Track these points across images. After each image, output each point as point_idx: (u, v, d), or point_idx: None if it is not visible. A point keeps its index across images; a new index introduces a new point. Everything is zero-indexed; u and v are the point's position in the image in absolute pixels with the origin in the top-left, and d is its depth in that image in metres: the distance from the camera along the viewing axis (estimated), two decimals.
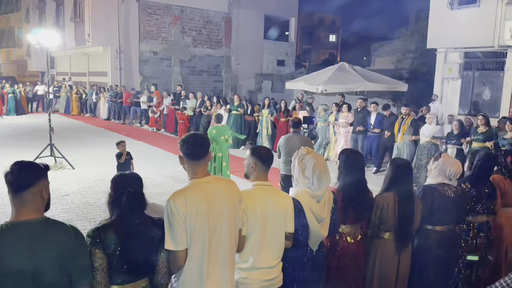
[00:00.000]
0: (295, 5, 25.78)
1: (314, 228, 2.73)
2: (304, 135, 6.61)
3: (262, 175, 2.67)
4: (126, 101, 17.03)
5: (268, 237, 2.58)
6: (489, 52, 12.95)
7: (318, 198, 2.75)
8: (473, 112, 13.28)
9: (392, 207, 3.12)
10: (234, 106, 12.69)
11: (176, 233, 2.21)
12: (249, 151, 2.72)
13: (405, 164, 3.30)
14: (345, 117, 10.43)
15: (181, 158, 2.43)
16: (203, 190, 2.31)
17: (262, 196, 2.59)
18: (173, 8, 20.96)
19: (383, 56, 26.26)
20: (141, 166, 9.55)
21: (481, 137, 7.78)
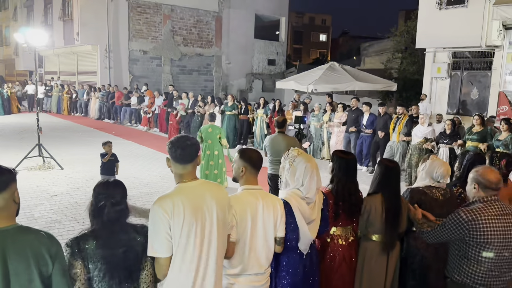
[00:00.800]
0: (285, 5, 25.82)
1: (304, 230, 2.69)
2: (289, 135, 6.61)
3: (251, 179, 2.61)
4: (118, 102, 16.93)
5: (258, 242, 2.52)
6: (477, 52, 13.10)
7: (308, 200, 2.71)
8: (461, 111, 13.44)
9: (380, 210, 3.09)
10: (228, 107, 12.70)
11: (160, 239, 2.14)
12: (238, 155, 2.64)
13: (393, 166, 3.24)
14: (339, 117, 10.55)
15: (168, 161, 2.35)
16: (190, 195, 2.23)
17: (252, 200, 2.54)
18: (163, 7, 20.86)
19: (372, 56, 26.41)
20: (130, 166, 9.52)
21: (476, 137, 7.83)
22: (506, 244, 2.61)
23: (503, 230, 2.60)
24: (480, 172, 2.73)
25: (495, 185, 2.67)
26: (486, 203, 2.67)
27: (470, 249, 2.66)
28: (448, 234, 2.73)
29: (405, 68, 18.79)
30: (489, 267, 2.63)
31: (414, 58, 18.12)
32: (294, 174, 2.72)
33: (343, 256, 3.13)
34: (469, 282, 2.70)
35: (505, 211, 2.66)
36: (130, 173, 8.77)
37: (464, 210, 2.67)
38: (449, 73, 13.79)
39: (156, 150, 11.51)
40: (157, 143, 12.59)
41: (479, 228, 2.59)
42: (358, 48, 33.47)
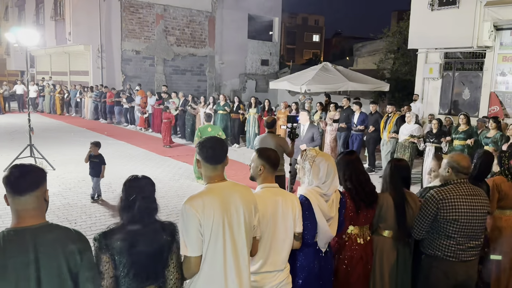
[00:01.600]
0: (278, 5, 25.86)
1: (323, 227, 2.75)
2: (279, 135, 6.64)
3: (269, 178, 2.68)
4: (109, 101, 16.87)
5: (278, 239, 2.58)
6: (469, 53, 13.21)
7: (326, 198, 2.77)
8: (453, 111, 13.53)
9: (392, 206, 3.19)
10: (220, 106, 12.72)
11: (192, 238, 2.17)
12: (256, 154, 2.72)
13: (403, 164, 3.35)
14: (332, 116, 10.75)
15: (198, 162, 2.37)
16: (219, 195, 2.26)
17: (271, 198, 2.60)
18: (155, 6, 20.80)
19: (365, 56, 26.52)
20: (123, 166, 9.48)
21: (463, 135, 8.05)
22: (472, 221, 2.94)
23: (469, 208, 2.94)
24: (455, 158, 3.10)
25: (466, 170, 3.05)
26: (456, 184, 3.02)
27: (441, 225, 2.98)
28: (426, 216, 3.01)
29: (397, 68, 18.88)
30: (458, 241, 2.96)
31: (407, 58, 18.22)
32: (318, 173, 2.76)
33: (360, 255, 3.18)
34: (440, 255, 3.02)
35: (472, 192, 3.02)
36: (122, 174, 8.70)
37: (436, 190, 3.02)
38: (441, 74, 13.89)
39: (149, 151, 11.46)
40: (150, 144, 12.54)
41: (448, 206, 2.93)
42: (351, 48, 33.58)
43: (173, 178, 8.71)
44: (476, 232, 3.00)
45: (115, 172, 8.77)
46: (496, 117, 8.36)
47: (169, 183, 8.36)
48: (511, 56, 12.51)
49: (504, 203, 3.74)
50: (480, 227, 3.02)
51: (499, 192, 3.72)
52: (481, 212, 3.00)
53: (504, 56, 12.65)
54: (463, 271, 3.03)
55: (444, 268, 3.03)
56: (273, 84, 14.61)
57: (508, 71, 12.64)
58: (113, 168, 9.07)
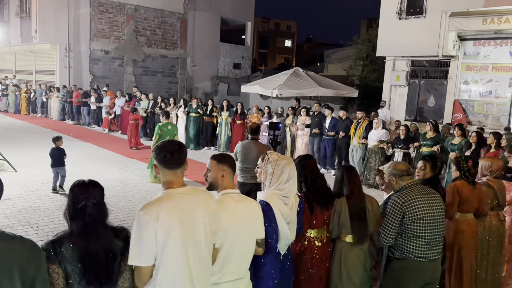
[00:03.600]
0: (251, 9, 25.96)
1: (284, 231, 2.74)
2: (262, 142, 6.59)
3: (230, 183, 2.61)
4: (75, 101, 16.42)
5: (239, 247, 2.51)
6: (434, 61, 13.65)
7: (286, 201, 2.78)
8: (419, 118, 13.94)
9: (345, 211, 3.22)
10: (193, 108, 12.63)
11: (143, 248, 2.06)
12: (215, 161, 2.61)
13: (351, 169, 3.41)
14: (303, 120, 10.81)
15: (156, 167, 2.28)
16: (178, 202, 2.18)
17: (233, 204, 2.52)
18: (126, 6, 20.46)
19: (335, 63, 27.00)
20: (88, 168, 9.24)
21: (430, 142, 8.18)
22: (433, 218, 3.09)
23: (429, 206, 3.09)
24: (392, 166, 3.26)
25: (406, 172, 3.18)
26: (410, 187, 3.16)
27: (408, 227, 3.07)
28: (393, 221, 3.10)
29: (366, 75, 19.32)
30: (426, 240, 3.07)
31: (375, 66, 18.67)
32: (279, 176, 2.77)
33: (320, 257, 3.25)
34: (411, 257, 3.11)
35: (427, 191, 3.18)
36: (88, 176, 8.48)
37: (396, 195, 3.13)
38: (407, 81, 14.29)
39: (116, 153, 11.21)
40: (117, 146, 12.29)
41: (412, 206, 3.05)
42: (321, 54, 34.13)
43: (141, 181, 8.55)
44: (439, 230, 3.15)
45: (80, 175, 8.53)
46: (461, 125, 8.62)
47: (137, 186, 8.20)
48: (474, 65, 13.03)
49: (465, 207, 3.83)
50: (441, 224, 3.17)
51: (460, 196, 3.80)
52: (439, 209, 3.17)
53: (467, 65, 13.15)
54: (430, 270, 3.15)
55: (414, 269, 3.13)
56: (245, 87, 14.65)
57: (471, 80, 13.14)
58: (78, 170, 8.83)
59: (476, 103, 13.00)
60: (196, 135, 12.66)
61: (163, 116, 8.78)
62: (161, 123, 8.58)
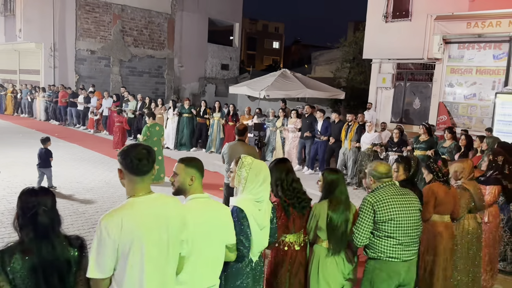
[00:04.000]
0: (239, 11, 25.97)
1: (257, 237, 2.69)
2: (250, 143, 6.56)
3: (199, 188, 2.54)
4: (61, 101, 16.17)
5: (209, 253, 2.43)
6: (419, 64, 13.82)
7: (259, 206, 2.73)
8: (404, 120, 14.10)
9: (325, 216, 3.22)
10: (186, 109, 12.54)
11: (103, 259, 1.96)
12: (183, 164, 2.51)
13: (336, 173, 3.38)
14: (293, 123, 10.69)
15: (121, 172, 2.15)
16: (143, 211, 2.07)
17: (202, 209, 2.46)
18: (113, 6, 20.29)
19: (322, 65, 27.14)
20: (73, 169, 9.13)
21: (424, 145, 8.11)
22: (406, 218, 3.11)
23: (402, 207, 3.11)
24: (373, 167, 3.27)
25: (385, 175, 3.21)
26: (384, 187, 3.19)
27: (380, 227, 3.10)
28: (365, 221, 3.12)
29: (352, 77, 19.45)
30: (399, 240, 3.10)
31: (361, 68, 18.81)
32: (253, 180, 2.73)
33: (300, 262, 3.27)
34: (383, 257, 3.13)
35: (401, 192, 3.21)
36: (73, 178, 8.41)
37: (369, 195, 3.18)
38: (393, 84, 14.43)
39: (102, 154, 11.10)
40: (103, 147, 12.16)
41: (383, 206, 3.07)
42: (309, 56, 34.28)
43: None
44: (413, 230, 3.16)
45: (65, 176, 8.43)
46: (451, 128, 8.52)
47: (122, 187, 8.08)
48: (458, 68, 13.22)
49: (441, 209, 3.86)
50: (416, 224, 3.18)
51: (436, 198, 3.83)
52: (413, 209, 3.18)
53: (452, 68, 13.35)
54: (404, 270, 3.16)
55: (387, 269, 3.14)
56: (232, 88, 14.62)
57: (455, 82, 13.34)
58: (63, 171, 8.72)
59: (461, 105, 13.19)
60: (189, 136, 12.58)
61: (150, 117, 8.73)
62: (149, 124, 8.54)
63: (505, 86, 11.93)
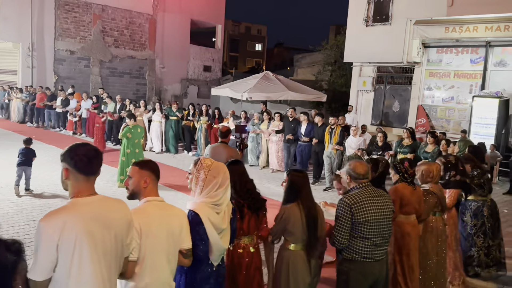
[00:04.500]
0: (221, 12, 25.94)
1: (215, 241, 2.62)
2: (231, 146, 6.55)
3: (154, 190, 2.47)
4: (40, 104, 15.80)
5: (162, 257, 2.37)
6: (399, 68, 14.06)
7: (218, 210, 2.65)
8: (384, 122, 14.31)
9: (299, 219, 3.18)
10: (173, 112, 12.43)
11: (42, 260, 1.90)
12: (137, 167, 2.46)
13: (303, 175, 3.37)
14: (276, 126, 10.58)
15: (66, 171, 2.06)
16: (86, 212, 2.00)
17: (156, 212, 2.39)
18: (93, 6, 20.00)
19: (305, 67, 27.32)
20: (52, 171, 8.94)
21: (407, 150, 8.13)
22: (380, 220, 3.13)
23: (377, 209, 3.14)
24: (352, 165, 3.26)
25: (362, 176, 3.20)
26: (361, 189, 3.19)
27: (356, 228, 3.11)
28: (344, 222, 3.12)
29: (334, 80, 19.65)
30: (373, 241, 3.13)
31: (343, 71, 19.02)
32: (211, 182, 2.65)
33: (255, 264, 3.24)
34: (357, 257, 3.15)
35: (377, 193, 3.22)
36: (50, 180, 8.25)
37: (346, 196, 3.16)
38: (373, 87, 14.64)
39: None
40: None
41: (360, 208, 3.08)
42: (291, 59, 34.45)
43: (106, 185, 8.35)
44: (386, 231, 3.20)
45: (42, 178, 8.26)
46: (433, 132, 8.62)
47: (101, 190, 7.94)
48: (437, 72, 13.51)
49: (407, 209, 3.91)
50: (388, 225, 3.23)
51: (401, 198, 3.87)
52: (387, 211, 3.22)
53: (430, 72, 13.63)
54: (377, 270, 3.21)
55: (362, 269, 3.17)
56: (215, 90, 14.58)
57: (434, 86, 13.62)
58: (40, 174, 8.54)
59: (439, 108, 13.47)
60: (174, 139, 12.45)
61: (130, 119, 8.60)
62: (131, 126, 8.43)
63: (481, 90, 12.24)
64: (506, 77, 12.15)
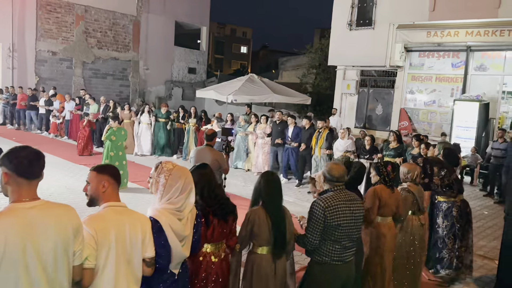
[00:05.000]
0: (206, 14, 25.86)
1: (176, 249, 2.51)
2: (216, 149, 6.50)
3: (114, 195, 2.37)
4: (20, 104, 15.49)
5: (123, 266, 2.25)
6: (382, 71, 14.22)
7: (181, 216, 2.55)
8: (368, 125, 14.45)
9: (265, 221, 3.13)
10: (163, 114, 12.31)
11: None
12: (95, 171, 2.37)
13: (274, 177, 3.33)
14: (263, 129, 10.52)
15: (6, 176, 1.95)
16: (23, 218, 1.86)
17: (116, 218, 2.27)
18: (75, 7, 19.73)
19: (289, 70, 27.44)
20: None
21: (393, 153, 8.18)
22: (352, 224, 3.13)
23: (349, 213, 3.12)
24: (328, 167, 3.24)
25: (336, 178, 3.17)
26: (335, 192, 3.16)
27: (328, 231, 3.09)
28: (317, 224, 3.09)
29: (318, 83, 19.77)
30: (343, 244, 3.14)
31: (327, 74, 19.16)
32: (172, 188, 2.54)
33: (216, 274, 3.06)
34: (328, 260, 3.15)
35: (350, 197, 3.20)
36: None
37: (320, 198, 3.14)
38: (357, 90, 14.77)
39: (62, 158, 10.73)
40: (64, 151, 11.77)
41: (333, 213, 3.06)
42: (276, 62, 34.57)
43: None
44: (355, 234, 3.21)
45: None
46: (419, 135, 8.64)
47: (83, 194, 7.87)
48: (419, 76, 13.71)
49: (385, 211, 3.95)
50: (358, 228, 3.23)
51: (380, 199, 3.91)
52: (359, 215, 3.21)
53: (413, 75, 13.82)
54: (345, 271, 3.22)
55: (332, 272, 3.17)
56: (199, 92, 14.51)
57: (416, 89, 13.81)
58: None
59: (421, 111, 13.67)
60: (163, 141, 12.32)
61: (115, 121, 8.49)
62: (115, 128, 8.34)
63: (462, 94, 12.47)
64: (486, 81, 12.41)
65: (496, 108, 12.13)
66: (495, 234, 6.89)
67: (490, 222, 7.75)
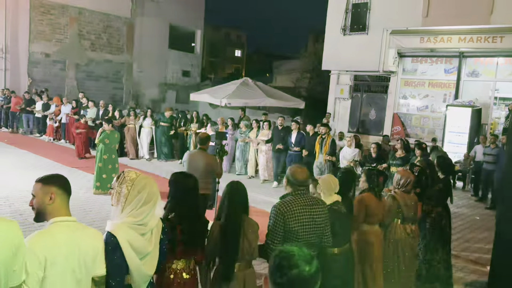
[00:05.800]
0: (201, 17, 25.88)
1: (135, 267, 2.31)
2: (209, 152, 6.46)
3: (63, 209, 2.16)
4: (15, 107, 15.32)
5: (72, 285, 2.09)
6: (375, 76, 14.30)
7: (143, 230, 2.35)
8: (361, 130, 14.50)
9: (217, 235, 3.03)
10: (167, 119, 12.20)
11: None
12: (40, 182, 2.16)
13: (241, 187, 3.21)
14: (266, 135, 10.38)
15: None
16: None
17: (66, 234, 2.09)
18: (69, 8, 19.64)
19: (283, 74, 27.51)
20: (21, 176, 8.69)
21: (399, 162, 8.00)
22: (311, 229, 3.06)
23: (309, 217, 3.05)
24: (292, 171, 3.15)
25: (299, 183, 3.10)
26: (295, 196, 3.10)
27: (287, 236, 3.02)
28: (278, 229, 3.02)
29: (312, 87, 19.85)
30: None
31: (321, 78, 19.25)
32: (134, 199, 2.34)
33: None
34: None
35: (310, 202, 3.12)
36: (23, 186, 8.00)
37: (281, 203, 3.07)
38: (350, 95, 14.84)
39: (55, 161, 10.65)
40: (59, 154, 11.69)
41: (291, 217, 3.00)
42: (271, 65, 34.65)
43: (80, 191, 8.17)
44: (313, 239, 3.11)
45: (14, 184, 8.01)
46: (420, 144, 8.43)
47: (75, 196, 7.80)
48: (412, 81, 13.80)
49: (372, 219, 3.94)
50: (317, 233, 3.12)
51: (367, 208, 3.89)
52: (319, 220, 3.10)
53: (406, 81, 13.91)
54: None
55: None
56: (194, 96, 14.50)
57: (409, 94, 13.90)
58: (12, 179, 8.29)
59: (414, 116, 13.75)
60: (166, 146, 12.24)
61: (109, 124, 8.46)
62: (108, 132, 8.31)
63: (455, 99, 12.57)
64: (478, 87, 12.51)
65: (488, 114, 12.24)
66: (486, 240, 6.94)
67: (482, 228, 7.79)
